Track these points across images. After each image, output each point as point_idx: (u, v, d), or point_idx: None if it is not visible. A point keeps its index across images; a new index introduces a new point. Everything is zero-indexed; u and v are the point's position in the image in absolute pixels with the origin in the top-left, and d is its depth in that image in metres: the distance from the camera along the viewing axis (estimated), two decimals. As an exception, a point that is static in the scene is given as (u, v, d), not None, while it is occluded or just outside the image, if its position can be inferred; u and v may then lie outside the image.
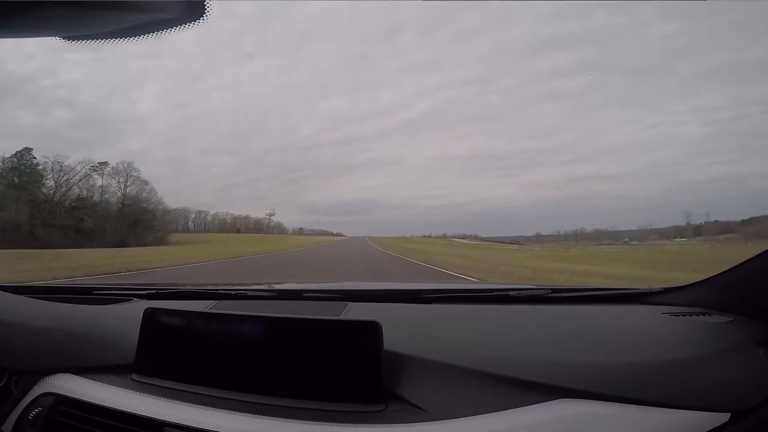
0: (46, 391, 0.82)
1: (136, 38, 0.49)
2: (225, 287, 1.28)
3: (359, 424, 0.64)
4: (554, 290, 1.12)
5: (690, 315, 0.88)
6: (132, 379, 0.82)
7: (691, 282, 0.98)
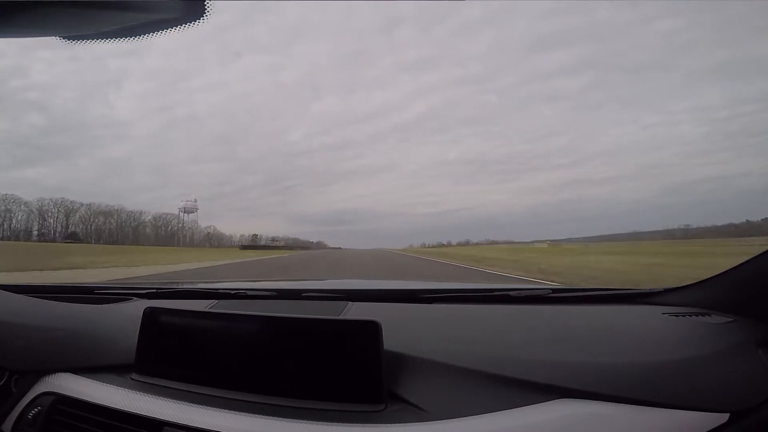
0: (46, 390, 0.82)
1: (136, 38, 0.49)
2: (225, 287, 1.28)
3: (359, 424, 0.64)
4: (554, 290, 1.12)
5: (690, 315, 0.88)
6: (132, 379, 0.82)
7: (691, 282, 0.98)
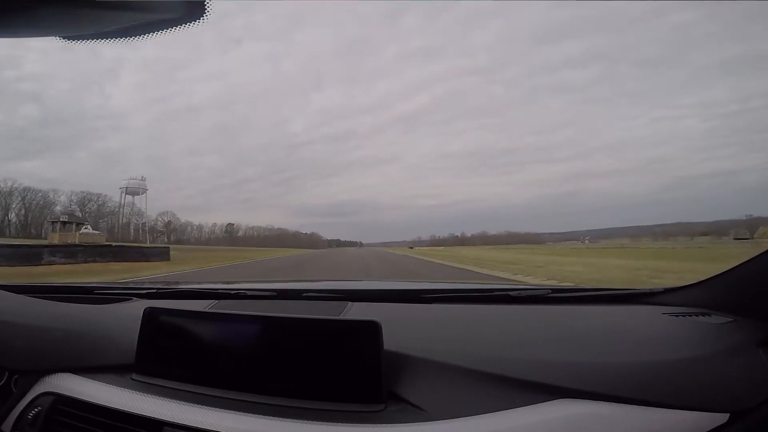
0: (46, 390, 0.82)
1: (136, 38, 0.49)
2: (225, 287, 1.29)
3: (359, 424, 0.64)
4: (554, 290, 1.12)
5: (690, 315, 0.88)
6: (132, 379, 0.82)
7: (692, 282, 0.98)
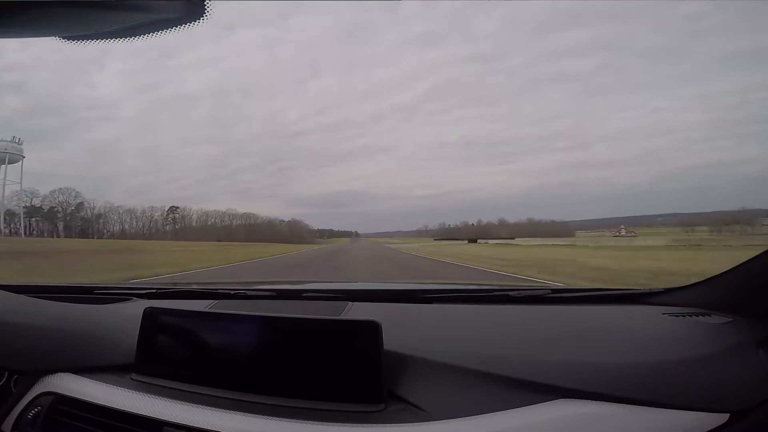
0: (46, 390, 0.82)
1: (136, 38, 0.49)
2: (225, 287, 1.29)
3: (359, 424, 0.64)
4: (554, 290, 1.12)
5: (690, 315, 0.88)
6: (132, 379, 0.82)
7: (692, 282, 0.98)
